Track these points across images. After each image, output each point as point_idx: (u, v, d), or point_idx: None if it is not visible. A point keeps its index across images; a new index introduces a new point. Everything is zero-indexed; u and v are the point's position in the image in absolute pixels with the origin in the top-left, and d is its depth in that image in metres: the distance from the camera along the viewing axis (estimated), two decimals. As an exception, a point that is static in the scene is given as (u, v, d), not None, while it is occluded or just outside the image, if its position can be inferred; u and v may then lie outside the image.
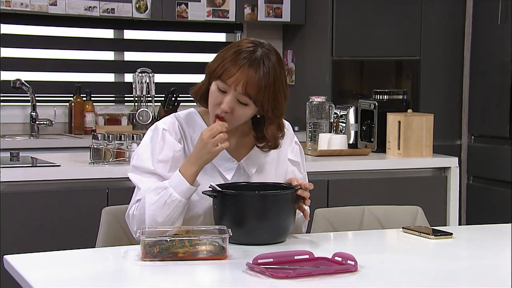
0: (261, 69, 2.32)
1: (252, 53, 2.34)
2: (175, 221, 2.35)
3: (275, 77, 2.35)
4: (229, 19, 5.57)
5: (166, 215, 2.33)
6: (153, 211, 2.33)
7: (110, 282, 1.99)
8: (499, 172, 5.34)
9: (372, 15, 5.49)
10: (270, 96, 2.34)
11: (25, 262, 2.12)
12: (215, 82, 2.36)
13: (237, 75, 2.31)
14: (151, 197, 2.35)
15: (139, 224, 2.36)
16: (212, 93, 2.37)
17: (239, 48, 2.35)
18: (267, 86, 2.33)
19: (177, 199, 2.33)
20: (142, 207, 2.36)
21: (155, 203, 2.34)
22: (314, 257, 2.11)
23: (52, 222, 3.41)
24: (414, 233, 2.52)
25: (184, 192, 2.34)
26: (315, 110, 4.20)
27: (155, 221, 2.33)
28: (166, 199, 2.33)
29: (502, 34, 5.30)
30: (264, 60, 2.33)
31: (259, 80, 2.32)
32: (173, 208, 2.34)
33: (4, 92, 5.21)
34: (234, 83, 2.32)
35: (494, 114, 5.43)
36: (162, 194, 2.34)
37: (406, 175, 4.10)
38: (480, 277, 2.06)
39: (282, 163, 2.56)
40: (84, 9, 5.18)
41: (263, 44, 2.39)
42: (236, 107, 2.35)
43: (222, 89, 2.35)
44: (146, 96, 5.52)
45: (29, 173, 3.43)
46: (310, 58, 5.62)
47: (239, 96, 2.33)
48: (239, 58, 2.33)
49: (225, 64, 2.33)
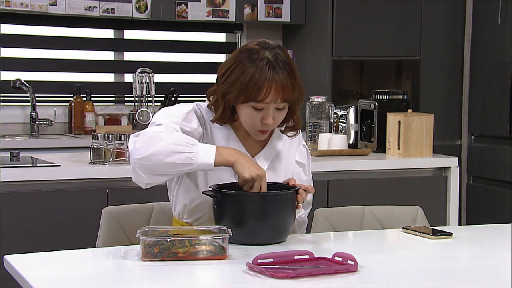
0: (285, 73, 2.35)
1: (267, 60, 2.34)
2: (167, 175, 2.32)
3: (293, 70, 2.38)
4: (229, 19, 5.57)
5: (171, 161, 2.27)
6: (169, 148, 2.27)
7: (110, 282, 1.99)
8: (499, 172, 5.34)
9: (372, 15, 5.50)
10: (297, 90, 2.39)
11: (25, 262, 2.12)
12: (248, 104, 2.36)
13: (273, 89, 2.33)
14: (178, 137, 2.30)
15: (145, 144, 2.29)
16: (249, 114, 2.38)
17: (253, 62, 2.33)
18: (295, 84, 2.38)
19: (193, 160, 2.28)
20: (159, 136, 2.29)
21: (178, 145, 2.28)
22: (314, 257, 2.11)
23: (52, 222, 3.41)
24: (414, 233, 2.52)
25: (204, 163, 2.29)
26: (315, 110, 4.21)
27: (161, 156, 2.26)
28: (187, 151, 2.28)
29: (502, 34, 5.30)
30: (281, 61, 2.35)
31: (291, 84, 2.36)
32: (182, 163, 2.28)
33: (4, 92, 5.21)
34: (273, 99, 2.34)
35: (494, 114, 5.43)
36: (188, 145, 2.29)
37: (406, 175, 4.10)
38: (480, 277, 2.06)
39: (291, 164, 2.57)
40: (84, 9, 5.18)
41: (266, 44, 2.39)
42: (276, 114, 2.39)
43: (259, 108, 2.36)
44: (146, 96, 5.52)
45: (29, 173, 3.43)
46: (310, 58, 5.62)
47: (278, 105, 2.37)
48: (264, 73, 2.32)
49: (253, 86, 2.32)
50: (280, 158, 2.54)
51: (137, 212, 2.76)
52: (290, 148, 2.57)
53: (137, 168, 2.32)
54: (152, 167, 2.30)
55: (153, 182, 2.36)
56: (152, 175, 2.32)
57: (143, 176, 2.33)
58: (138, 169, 2.32)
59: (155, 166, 2.29)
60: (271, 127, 2.42)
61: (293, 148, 2.58)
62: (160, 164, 2.29)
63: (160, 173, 2.32)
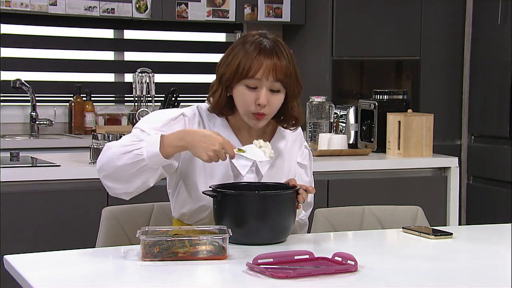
0: (281, 54, 2.39)
1: (264, 42, 2.39)
2: (133, 179, 2.30)
3: (290, 56, 2.42)
4: (229, 19, 5.57)
5: (123, 163, 2.28)
6: (118, 151, 2.29)
7: (110, 282, 1.99)
8: (499, 172, 5.34)
9: (372, 15, 5.50)
10: (293, 75, 2.40)
11: (25, 262, 2.12)
12: (242, 82, 2.37)
13: (264, 65, 2.35)
14: (125, 139, 2.34)
15: (100, 157, 2.34)
16: (243, 94, 2.38)
17: (251, 42, 2.39)
18: (291, 68, 2.40)
19: (142, 156, 2.27)
20: (109, 145, 2.34)
21: (124, 146, 2.30)
22: (314, 257, 2.11)
23: (52, 222, 3.41)
24: (414, 233, 2.52)
25: (152, 154, 2.27)
26: (315, 110, 4.21)
27: (113, 161, 2.29)
28: (134, 149, 2.29)
29: (502, 34, 5.30)
30: (277, 44, 2.41)
31: (285, 65, 2.38)
32: (134, 162, 2.28)
33: (4, 92, 5.21)
34: (264, 73, 2.35)
35: (494, 114, 5.43)
36: (134, 143, 2.30)
37: (406, 175, 4.10)
38: (480, 277, 2.06)
39: (293, 165, 2.57)
40: (84, 9, 5.18)
41: (265, 34, 2.44)
42: (271, 97, 2.38)
43: (252, 86, 2.37)
44: (146, 96, 5.53)
45: (29, 173, 3.43)
46: (310, 58, 5.62)
47: (272, 85, 2.37)
48: (257, 50, 2.36)
49: (246, 61, 2.36)
50: (283, 158, 2.53)
51: (137, 212, 2.76)
52: (292, 149, 2.57)
53: (102, 180, 2.35)
54: (111, 175, 2.31)
55: (129, 190, 2.34)
56: (120, 183, 2.32)
57: (112, 187, 2.34)
58: (103, 181, 2.35)
59: (113, 173, 2.31)
60: (268, 113, 2.39)
61: (295, 149, 2.58)
62: (116, 170, 2.30)
63: (123, 178, 2.31)
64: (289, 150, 2.55)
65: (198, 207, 2.45)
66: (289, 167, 2.55)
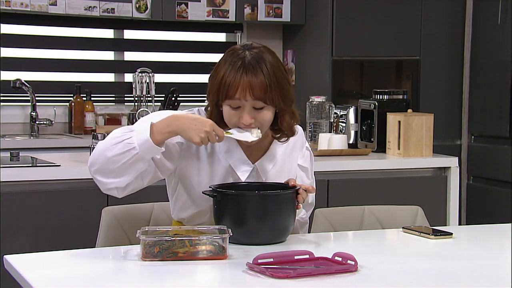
0: (258, 70, 2.32)
1: (243, 59, 2.33)
2: (124, 172, 2.30)
3: (274, 70, 2.34)
4: (229, 19, 5.57)
5: (114, 153, 2.28)
6: (108, 143, 2.30)
7: (110, 282, 1.99)
8: (499, 172, 5.34)
9: (372, 15, 5.50)
10: (277, 90, 2.34)
11: (25, 262, 2.12)
12: (225, 104, 2.36)
13: (241, 85, 2.31)
14: (115, 131, 2.34)
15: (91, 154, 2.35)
16: (228, 114, 2.37)
17: (232, 59, 2.35)
18: (271, 83, 2.33)
19: (133, 144, 2.27)
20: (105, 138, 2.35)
21: (115, 137, 2.31)
22: (314, 257, 2.11)
23: (52, 222, 3.41)
24: (414, 233, 2.52)
25: (142, 141, 2.27)
26: (315, 110, 4.21)
27: (104, 153, 2.29)
28: (124, 138, 2.29)
29: (502, 34, 5.30)
30: (257, 60, 2.33)
31: (261, 81, 2.31)
32: (125, 151, 2.28)
33: (4, 92, 5.21)
34: (242, 93, 2.31)
35: (494, 114, 5.43)
36: (125, 133, 2.31)
37: (406, 175, 4.10)
38: (480, 277, 2.06)
39: (293, 167, 2.56)
40: (84, 9, 5.18)
41: (250, 46, 2.38)
42: (256, 114, 2.35)
43: (234, 106, 2.35)
44: (146, 96, 5.53)
45: (29, 173, 3.43)
46: (310, 58, 5.62)
47: (253, 103, 2.33)
48: (234, 70, 2.32)
49: (224, 83, 2.33)
50: (283, 162, 2.53)
51: (137, 212, 2.76)
52: (292, 151, 2.56)
53: (93, 175, 2.34)
54: (102, 168, 2.31)
55: (120, 184, 2.33)
56: (111, 177, 2.31)
57: (103, 181, 2.33)
58: (94, 176, 2.34)
59: (105, 165, 2.30)
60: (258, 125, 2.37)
61: (296, 151, 2.57)
62: (107, 161, 2.29)
63: (115, 171, 2.30)
64: (290, 153, 2.55)
65: (197, 212, 2.45)
66: (290, 169, 2.54)
